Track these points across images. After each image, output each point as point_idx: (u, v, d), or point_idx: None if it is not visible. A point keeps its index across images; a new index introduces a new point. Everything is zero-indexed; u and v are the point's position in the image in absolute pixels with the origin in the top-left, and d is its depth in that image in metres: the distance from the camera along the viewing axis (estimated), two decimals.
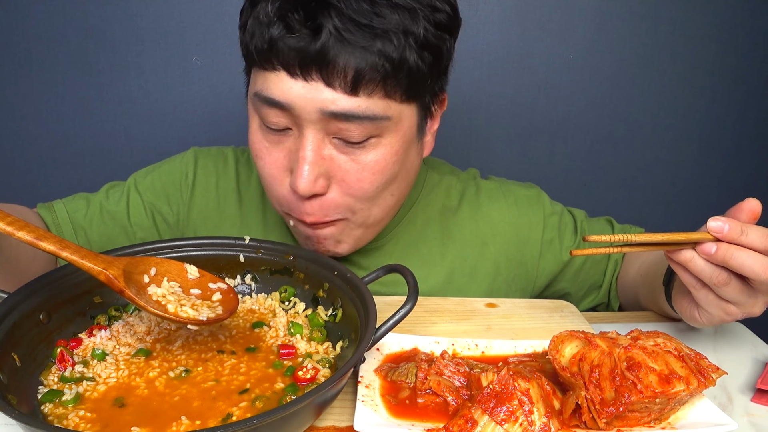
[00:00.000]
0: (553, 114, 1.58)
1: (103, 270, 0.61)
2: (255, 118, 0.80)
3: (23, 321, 0.64)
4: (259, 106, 0.76)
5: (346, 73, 0.70)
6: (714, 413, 0.60)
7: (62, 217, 0.95)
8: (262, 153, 0.80)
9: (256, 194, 1.00)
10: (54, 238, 0.60)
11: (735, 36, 1.54)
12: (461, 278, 0.99)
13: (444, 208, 1.01)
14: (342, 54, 0.69)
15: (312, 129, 0.74)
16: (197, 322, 0.62)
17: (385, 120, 0.75)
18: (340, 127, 0.73)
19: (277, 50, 0.71)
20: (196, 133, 1.53)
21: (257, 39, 0.73)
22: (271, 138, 0.79)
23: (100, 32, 1.44)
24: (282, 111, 0.74)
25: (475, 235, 1.00)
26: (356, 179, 0.77)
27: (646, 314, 0.94)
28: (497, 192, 1.03)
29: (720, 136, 1.64)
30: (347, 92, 0.71)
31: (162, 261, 0.69)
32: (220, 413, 0.58)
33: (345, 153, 0.76)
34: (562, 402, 0.60)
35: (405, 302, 0.63)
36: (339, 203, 0.80)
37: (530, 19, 1.49)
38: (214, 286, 0.69)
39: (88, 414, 0.58)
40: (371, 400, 0.62)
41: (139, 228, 0.99)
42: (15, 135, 1.51)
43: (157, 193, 0.99)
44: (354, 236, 0.86)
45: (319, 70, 0.70)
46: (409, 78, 0.73)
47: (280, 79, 0.73)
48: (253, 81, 0.78)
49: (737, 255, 0.63)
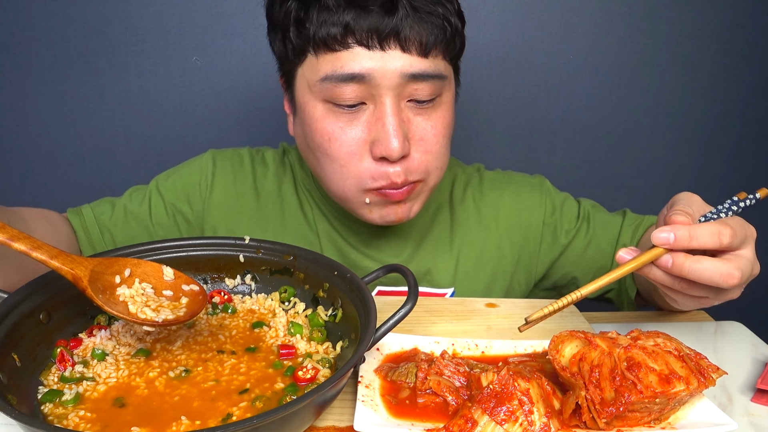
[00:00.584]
0: (553, 114, 1.58)
1: (69, 270, 0.62)
2: (318, 105, 0.84)
3: (23, 321, 0.64)
4: (330, 88, 0.81)
5: (420, 39, 0.79)
6: (714, 413, 0.60)
7: (89, 220, 1.01)
8: (335, 134, 0.84)
9: (273, 189, 1.06)
10: (27, 239, 0.61)
11: (735, 36, 1.54)
12: (467, 262, 1.04)
13: (452, 196, 1.07)
14: (415, 23, 0.79)
15: (390, 95, 0.81)
16: (152, 324, 0.63)
17: (445, 79, 0.85)
18: (415, 88, 0.81)
19: (353, 30, 0.78)
20: (195, 133, 1.53)
21: (328, 25, 0.78)
22: (345, 117, 0.83)
23: (100, 32, 1.44)
24: (359, 85, 0.80)
25: (478, 221, 1.06)
26: (433, 135, 0.85)
27: (646, 314, 0.94)
28: (499, 180, 1.09)
29: (720, 136, 1.64)
30: (420, 55, 0.80)
31: (139, 262, 0.69)
32: (220, 413, 0.58)
33: (419, 114, 0.84)
34: (562, 402, 0.60)
35: (405, 302, 0.63)
36: (420, 163, 0.85)
37: (530, 19, 1.49)
38: (186, 288, 0.69)
39: (88, 414, 0.58)
40: (371, 400, 0.62)
41: (161, 227, 1.04)
42: (15, 135, 1.51)
43: (177, 194, 1.04)
44: (422, 200, 0.92)
45: (397, 40, 0.79)
46: (457, 41, 0.85)
47: (355, 54, 0.79)
48: (312, 67, 0.83)
49: (693, 268, 0.62)
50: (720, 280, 0.61)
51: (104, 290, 0.64)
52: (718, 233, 0.61)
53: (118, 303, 0.64)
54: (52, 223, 0.94)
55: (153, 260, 0.76)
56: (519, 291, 1.08)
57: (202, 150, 1.10)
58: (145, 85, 1.49)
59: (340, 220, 1.02)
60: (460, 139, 1.59)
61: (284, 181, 1.06)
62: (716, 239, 0.61)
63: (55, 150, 1.53)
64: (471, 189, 1.08)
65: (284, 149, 1.10)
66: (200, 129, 1.53)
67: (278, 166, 1.08)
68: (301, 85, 0.86)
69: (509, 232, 1.06)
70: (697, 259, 0.62)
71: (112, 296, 0.64)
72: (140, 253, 0.76)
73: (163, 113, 1.52)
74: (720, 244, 0.61)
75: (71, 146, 1.53)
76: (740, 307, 1.34)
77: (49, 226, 0.92)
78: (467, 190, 1.08)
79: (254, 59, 1.47)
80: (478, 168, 1.12)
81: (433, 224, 1.05)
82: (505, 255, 1.05)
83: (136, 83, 1.49)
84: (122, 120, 1.52)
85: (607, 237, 1.04)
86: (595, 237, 1.04)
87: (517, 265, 1.06)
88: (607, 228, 1.05)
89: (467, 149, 1.59)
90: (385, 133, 0.81)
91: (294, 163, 1.07)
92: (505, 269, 1.05)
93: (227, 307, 0.77)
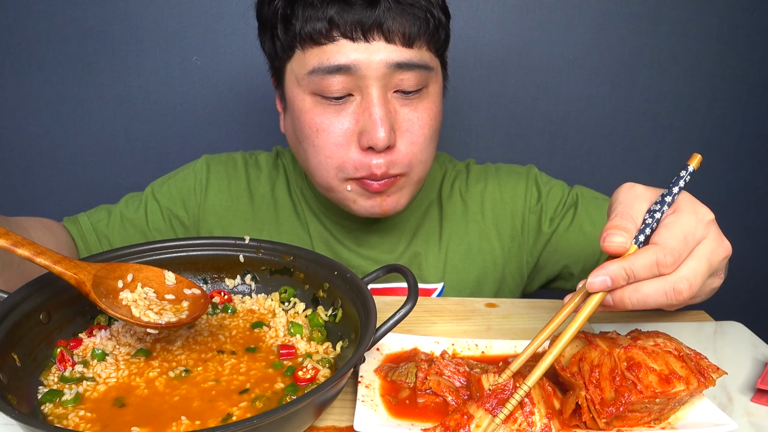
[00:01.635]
0: (553, 114, 1.58)
1: (73, 275, 0.63)
2: (306, 98, 0.86)
3: (23, 321, 0.64)
4: (317, 81, 0.83)
5: (404, 30, 0.81)
6: (714, 413, 0.60)
7: (86, 228, 1.02)
8: (323, 125, 0.85)
9: (266, 192, 1.07)
10: (31, 245, 0.62)
11: (735, 36, 1.54)
12: (456, 256, 1.05)
13: (440, 192, 1.08)
14: (398, 15, 0.81)
15: (376, 85, 0.82)
16: (155, 326, 0.63)
17: (431, 70, 0.86)
18: (401, 78, 0.83)
19: (337, 24, 0.80)
20: (195, 133, 1.53)
21: (314, 21, 0.81)
22: (332, 109, 0.85)
23: (100, 32, 1.44)
24: (345, 76, 0.82)
25: (465, 214, 1.07)
26: (419, 126, 0.87)
27: (646, 314, 0.94)
28: (485, 172, 1.10)
29: (720, 136, 1.64)
30: (405, 45, 0.82)
31: (141, 267, 0.70)
32: (220, 413, 0.58)
33: (406, 105, 0.86)
34: (562, 402, 0.60)
35: (405, 302, 0.63)
36: (404, 155, 0.87)
37: (530, 19, 1.49)
38: (188, 291, 0.70)
39: (88, 414, 0.58)
40: (371, 400, 0.62)
41: (157, 232, 1.06)
42: (15, 135, 1.51)
43: (173, 200, 1.06)
44: (408, 193, 0.92)
45: (381, 32, 0.81)
46: (441, 33, 0.87)
47: (340, 47, 0.81)
48: (300, 61, 0.85)
49: (635, 300, 0.57)
50: (667, 301, 0.56)
51: (107, 294, 0.65)
52: (656, 264, 0.56)
53: (121, 307, 0.65)
54: (52, 231, 0.95)
55: (153, 260, 0.77)
56: (513, 283, 1.08)
57: (202, 150, 1.11)
58: (145, 85, 1.49)
59: (331, 218, 1.03)
60: (460, 139, 1.59)
61: (277, 184, 1.08)
62: (655, 271, 0.56)
63: (55, 150, 1.53)
64: (458, 183, 1.09)
65: (278, 152, 1.12)
66: (200, 129, 1.53)
67: (271, 169, 1.10)
68: (290, 81, 0.88)
69: (496, 223, 1.06)
70: (635, 288, 0.57)
71: (115, 300, 0.65)
72: (140, 254, 0.76)
73: (163, 113, 1.52)
74: (661, 273, 0.57)
75: (71, 146, 1.53)
76: (740, 307, 1.35)
77: (49, 234, 0.93)
78: (454, 185, 1.09)
79: (254, 59, 1.47)
80: (467, 163, 1.13)
81: (424, 221, 1.06)
82: (493, 247, 1.06)
83: (136, 83, 1.49)
84: (122, 120, 1.52)
85: (594, 224, 1.02)
86: (582, 223, 1.02)
87: (507, 256, 1.06)
88: (594, 214, 1.03)
89: (467, 149, 1.59)
90: (372, 123, 0.82)
91: (287, 164, 1.09)
92: (495, 261, 1.06)
93: (227, 307, 0.77)
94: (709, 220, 0.60)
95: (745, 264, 1.75)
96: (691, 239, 0.58)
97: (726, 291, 1.10)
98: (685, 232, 0.58)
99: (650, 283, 0.57)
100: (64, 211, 1.07)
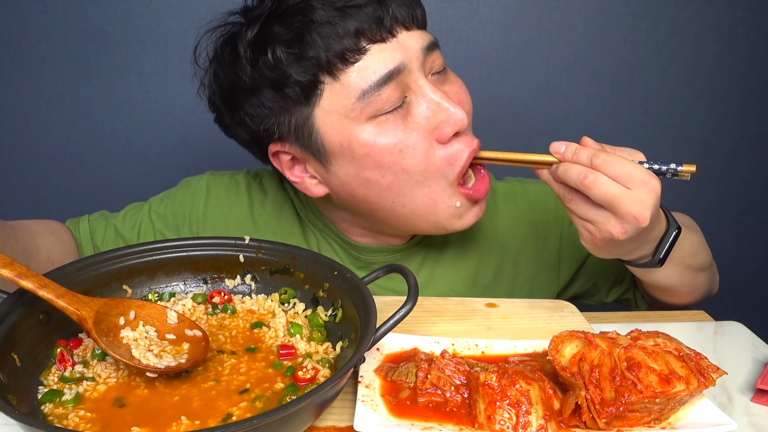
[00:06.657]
0: (553, 114, 1.58)
1: (75, 310, 0.63)
2: (366, 127, 0.79)
3: (23, 321, 0.64)
4: (373, 101, 0.78)
5: (413, 15, 0.81)
6: (714, 413, 0.60)
7: (84, 237, 1.01)
8: (404, 141, 0.80)
9: (271, 217, 1.01)
10: (34, 276, 0.63)
11: (735, 36, 1.54)
12: (485, 280, 1.01)
13: None
14: (402, 4, 0.80)
15: (421, 75, 0.81)
16: (155, 370, 0.63)
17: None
18: (432, 60, 0.83)
19: (363, 32, 0.77)
20: (195, 134, 1.53)
21: (338, 38, 0.76)
22: (398, 125, 0.80)
23: (100, 32, 1.44)
24: (394, 81, 0.78)
25: (495, 237, 1.02)
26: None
27: (646, 314, 0.94)
28: (511, 193, 1.05)
29: (720, 136, 1.64)
30: (421, 28, 0.83)
31: (144, 304, 0.69)
32: (220, 413, 0.58)
33: (443, 83, 0.85)
34: (562, 402, 0.60)
35: (405, 302, 0.63)
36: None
37: (530, 19, 1.49)
38: (189, 333, 0.69)
39: (88, 414, 0.58)
40: (371, 400, 0.62)
41: None
42: (15, 135, 1.51)
43: (167, 225, 1.02)
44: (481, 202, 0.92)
45: (399, 23, 0.80)
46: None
47: (376, 54, 0.78)
48: (337, 93, 0.79)
49: (562, 169, 0.74)
50: (578, 179, 0.72)
51: (108, 332, 0.65)
52: (592, 155, 0.72)
53: (122, 345, 0.65)
54: (58, 236, 0.94)
55: (154, 260, 0.77)
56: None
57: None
58: (145, 85, 1.49)
59: (346, 250, 0.98)
60: None
61: (284, 209, 1.01)
62: (591, 157, 0.72)
63: (55, 150, 1.53)
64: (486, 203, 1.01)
65: None
66: (200, 130, 1.53)
67: (277, 192, 1.02)
68: (330, 123, 0.80)
69: (525, 248, 1.02)
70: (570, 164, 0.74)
71: (115, 338, 0.65)
72: (141, 254, 0.76)
73: (164, 113, 1.52)
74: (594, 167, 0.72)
75: (71, 146, 1.53)
76: (740, 307, 1.34)
77: (55, 239, 0.93)
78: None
79: None
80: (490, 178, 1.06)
81: (446, 245, 1.00)
82: (521, 271, 1.02)
83: (136, 84, 1.49)
84: (122, 120, 1.52)
85: None
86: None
87: (534, 281, 1.02)
88: None
89: None
90: (443, 109, 0.80)
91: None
92: (521, 286, 1.02)
93: (227, 307, 0.77)
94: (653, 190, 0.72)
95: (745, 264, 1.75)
96: (629, 178, 0.71)
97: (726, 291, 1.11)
98: (631, 173, 0.71)
99: (577, 167, 0.73)
100: (63, 211, 1.07)
